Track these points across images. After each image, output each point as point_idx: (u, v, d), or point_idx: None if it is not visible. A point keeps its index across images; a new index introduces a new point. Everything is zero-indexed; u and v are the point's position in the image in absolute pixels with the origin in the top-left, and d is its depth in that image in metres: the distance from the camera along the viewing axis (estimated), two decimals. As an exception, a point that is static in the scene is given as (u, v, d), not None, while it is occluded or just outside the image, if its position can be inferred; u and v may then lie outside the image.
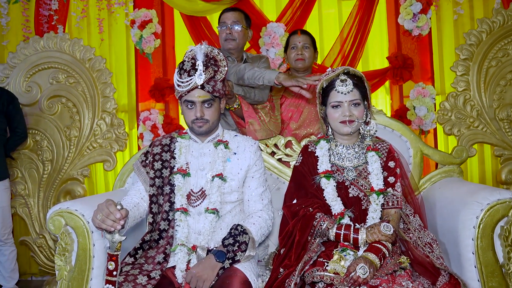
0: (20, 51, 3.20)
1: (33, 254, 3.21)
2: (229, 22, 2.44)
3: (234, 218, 1.83)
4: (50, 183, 3.19)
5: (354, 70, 1.74)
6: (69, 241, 1.72)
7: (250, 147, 1.88)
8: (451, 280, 1.52)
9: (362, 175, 1.75)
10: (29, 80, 3.20)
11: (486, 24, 3.05)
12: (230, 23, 2.44)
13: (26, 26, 3.63)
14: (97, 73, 3.16)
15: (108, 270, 1.48)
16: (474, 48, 3.06)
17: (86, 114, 3.19)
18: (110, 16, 3.68)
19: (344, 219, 1.66)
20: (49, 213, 1.76)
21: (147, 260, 1.69)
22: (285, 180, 2.25)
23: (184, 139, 1.88)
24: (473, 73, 3.08)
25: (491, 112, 3.07)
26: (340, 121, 1.71)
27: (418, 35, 3.32)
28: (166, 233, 1.76)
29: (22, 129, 3.02)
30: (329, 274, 1.47)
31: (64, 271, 1.71)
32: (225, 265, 1.61)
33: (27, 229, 3.22)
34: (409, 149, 2.25)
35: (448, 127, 3.09)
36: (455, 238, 1.73)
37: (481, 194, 1.69)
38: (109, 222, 1.44)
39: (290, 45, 2.61)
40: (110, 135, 3.17)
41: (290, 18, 3.50)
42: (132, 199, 1.77)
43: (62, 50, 3.18)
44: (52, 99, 3.19)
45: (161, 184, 1.81)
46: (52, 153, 3.20)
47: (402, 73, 3.29)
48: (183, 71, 1.73)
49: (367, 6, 3.45)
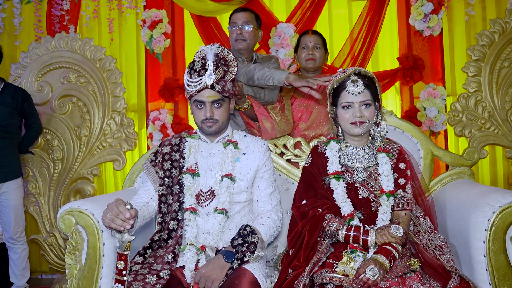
0: (32, 50, 3.23)
1: (43, 252, 3.24)
2: (240, 22, 2.45)
3: (243, 218, 1.83)
4: (61, 182, 3.22)
5: (365, 71, 1.73)
6: (79, 240, 1.74)
7: (259, 147, 1.88)
8: (461, 283, 1.51)
9: (372, 177, 1.74)
10: (41, 79, 3.23)
11: (499, 25, 3.01)
12: (241, 24, 2.44)
13: (38, 26, 3.66)
14: (108, 73, 3.18)
15: (118, 269, 1.49)
16: (486, 49, 3.02)
17: (96, 113, 3.20)
18: (121, 16, 3.71)
19: (354, 220, 1.65)
20: (60, 212, 1.78)
21: (156, 259, 1.70)
22: (294, 181, 2.25)
23: (194, 139, 1.88)
24: (485, 74, 3.04)
25: (503, 114, 3.03)
26: (350, 122, 1.70)
27: (429, 35, 3.29)
28: (175, 232, 1.76)
29: (38, 124, 3.08)
30: (338, 276, 1.46)
31: (74, 270, 1.73)
32: (234, 266, 1.61)
33: (37, 228, 3.25)
34: (420, 151, 2.23)
35: (459, 129, 3.05)
36: (466, 240, 1.71)
37: (493, 197, 1.67)
38: (118, 222, 1.45)
39: (301, 45, 2.61)
40: (120, 135, 3.18)
41: (300, 19, 3.49)
42: (141, 199, 1.77)
43: (73, 50, 3.21)
44: (63, 99, 3.22)
45: (171, 183, 1.82)
46: (63, 152, 3.22)
47: (413, 74, 3.27)
48: (193, 71, 1.73)
49: (377, 7, 3.43)
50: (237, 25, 2.45)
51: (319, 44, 2.58)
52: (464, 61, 3.16)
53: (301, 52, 2.59)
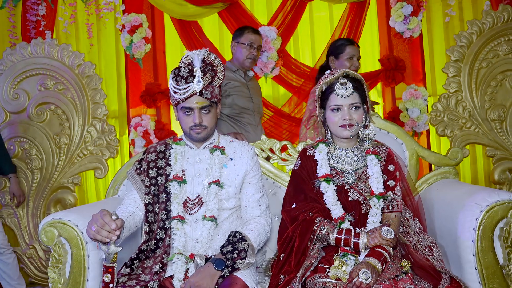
0: (6, 57, 3.13)
1: (23, 265, 3.13)
2: (257, 45, 2.78)
3: (231, 225, 1.79)
4: (40, 192, 3.12)
5: (354, 73, 1.72)
6: (62, 253, 1.68)
7: (246, 152, 1.86)
8: (452, 283, 1.51)
9: (361, 179, 1.73)
10: (17, 87, 3.13)
11: (476, 26, 3.07)
12: (257, 46, 2.78)
13: (13, 32, 3.56)
14: (87, 79, 3.10)
15: (104, 282, 1.44)
16: (465, 49, 3.08)
17: (76, 121, 3.13)
18: (99, 21, 3.64)
19: (345, 223, 1.64)
20: (42, 224, 1.71)
21: (144, 270, 1.65)
22: (281, 185, 2.23)
23: (179, 146, 1.84)
24: (464, 74, 3.10)
25: (483, 113, 3.09)
26: (340, 125, 1.69)
27: (409, 37, 3.33)
28: (163, 242, 1.72)
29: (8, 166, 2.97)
30: (331, 281, 1.45)
31: (58, 283, 1.67)
32: (224, 274, 1.57)
33: (16, 240, 3.14)
34: (405, 151, 2.25)
35: (441, 128, 3.10)
36: (454, 240, 1.72)
37: (479, 196, 1.68)
38: (104, 233, 1.40)
39: (345, 55, 2.62)
40: (101, 142, 3.11)
41: (281, 22, 3.50)
42: (127, 208, 1.72)
43: (50, 56, 3.12)
44: (41, 106, 3.13)
45: (157, 192, 1.78)
46: (42, 161, 3.13)
47: (394, 75, 3.31)
48: (179, 77, 1.70)
49: (358, 9, 3.46)
50: (254, 47, 2.77)
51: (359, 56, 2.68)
52: (444, 61, 3.22)
53: (345, 61, 2.62)
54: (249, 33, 2.78)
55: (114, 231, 1.40)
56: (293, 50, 3.64)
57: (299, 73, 3.48)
